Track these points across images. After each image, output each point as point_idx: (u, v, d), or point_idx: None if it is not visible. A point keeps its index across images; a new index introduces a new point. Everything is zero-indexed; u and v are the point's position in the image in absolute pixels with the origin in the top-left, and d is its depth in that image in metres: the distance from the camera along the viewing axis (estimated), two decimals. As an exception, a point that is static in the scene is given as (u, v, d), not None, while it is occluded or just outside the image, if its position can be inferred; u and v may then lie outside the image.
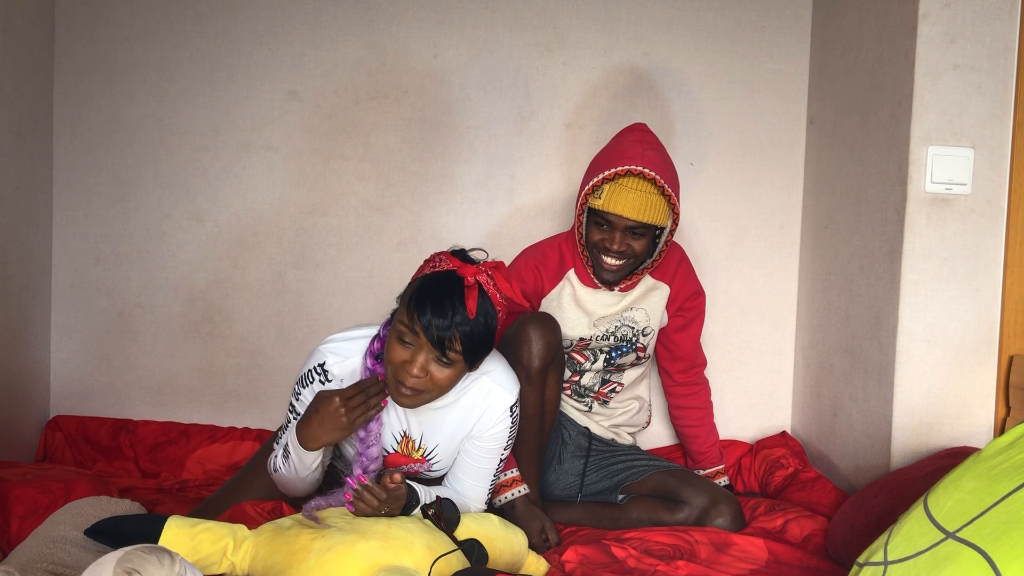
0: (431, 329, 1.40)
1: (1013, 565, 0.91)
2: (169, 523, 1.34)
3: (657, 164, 1.79)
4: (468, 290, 1.43)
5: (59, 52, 2.32)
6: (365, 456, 1.53)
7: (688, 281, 2.04)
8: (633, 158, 1.79)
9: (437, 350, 1.41)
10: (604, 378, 2.04)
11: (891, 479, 1.62)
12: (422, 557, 1.34)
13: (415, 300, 1.42)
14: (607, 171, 1.80)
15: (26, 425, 2.24)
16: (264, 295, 2.38)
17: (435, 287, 1.43)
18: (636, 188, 1.78)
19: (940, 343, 1.76)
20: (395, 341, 1.45)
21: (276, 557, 1.33)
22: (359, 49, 2.35)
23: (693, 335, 2.10)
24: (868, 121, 1.95)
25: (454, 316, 1.40)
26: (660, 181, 1.77)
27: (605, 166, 1.82)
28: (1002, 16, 1.71)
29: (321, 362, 1.55)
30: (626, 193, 1.78)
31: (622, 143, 1.85)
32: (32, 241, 2.24)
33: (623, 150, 1.82)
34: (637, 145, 1.82)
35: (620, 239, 1.83)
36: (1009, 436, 1.12)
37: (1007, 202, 1.74)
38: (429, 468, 1.68)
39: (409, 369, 1.42)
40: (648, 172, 1.76)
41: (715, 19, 2.37)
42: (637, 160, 1.78)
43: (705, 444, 2.16)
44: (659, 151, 1.84)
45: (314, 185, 2.37)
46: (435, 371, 1.44)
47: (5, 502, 1.58)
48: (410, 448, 1.63)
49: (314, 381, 1.56)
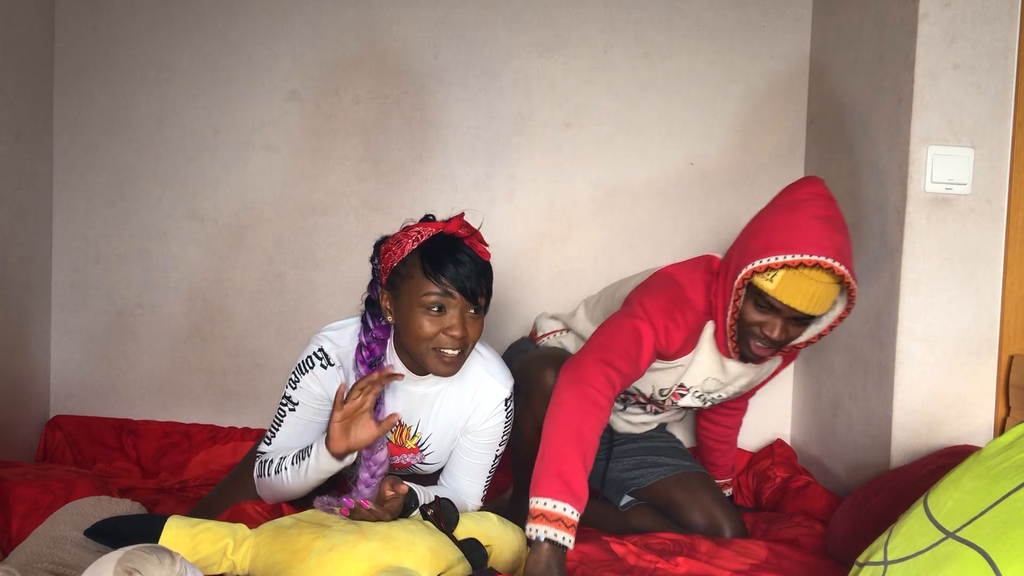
0: (460, 281, 1.44)
1: (1013, 565, 0.91)
2: (169, 523, 1.34)
3: (842, 251, 1.52)
4: (469, 240, 1.49)
5: (59, 52, 2.32)
6: (372, 461, 1.52)
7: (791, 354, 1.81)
8: (819, 246, 1.50)
9: (470, 302, 1.46)
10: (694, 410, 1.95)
11: (891, 478, 1.62)
12: (424, 558, 1.34)
13: (433, 267, 1.44)
14: (788, 257, 1.50)
15: (26, 425, 2.24)
16: (264, 295, 2.38)
17: (440, 251, 1.46)
18: (816, 279, 1.52)
19: (940, 343, 1.76)
20: (422, 316, 1.46)
21: (277, 557, 1.33)
22: (359, 49, 2.35)
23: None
24: (868, 121, 1.95)
25: (473, 265, 1.46)
26: (844, 273, 1.51)
27: (782, 247, 1.52)
28: (1002, 16, 1.71)
29: (319, 347, 1.55)
30: (805, 284, 1.52)
31: (802, 218, 1.55)
32: (32, 241, 2.24)
33: (804, 230, 1.53)
34: (822, 225, 1.53)
35: (782, 327, 1.59)
36: (1009, 436, 1.12)
37: (1007, 202, 1.74)
38: (422, 460, 1.67)
39: (450, 332, 1.45)
40: (838, 267, 1.50)
41: (715, 19, 2.37)
42: (823, 250, 1.50)
43: (723, 459, 2.10)
44: (842, 228, 1.56)
45: (314, 185, 2.37)
46: (470, 325, 1.48)
47: (6, 502, 1.58)
48: (404, 437, 1.63)
49: (314, 366, 1.55)
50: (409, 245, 1.48)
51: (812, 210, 1.55)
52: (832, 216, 1.56)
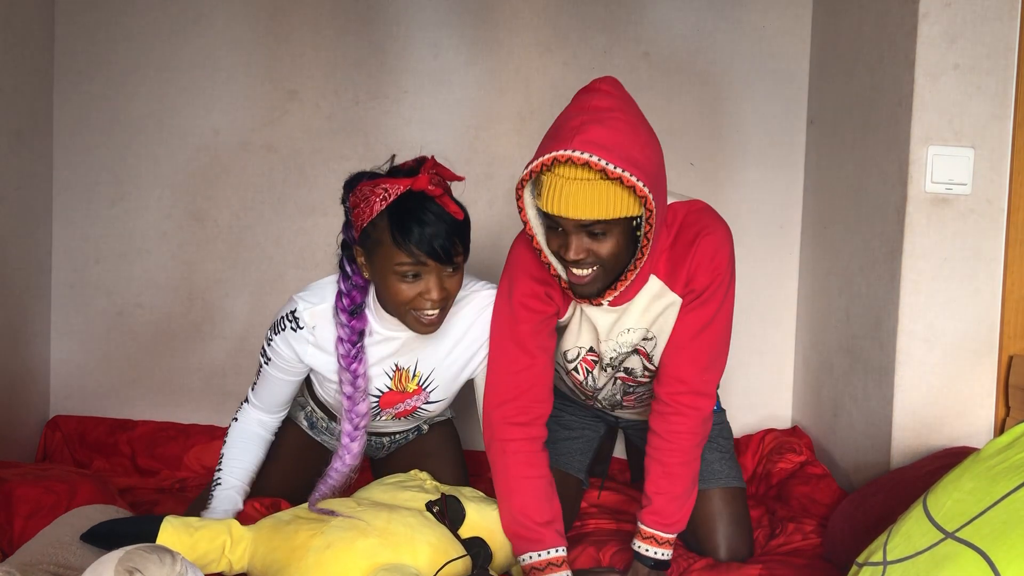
0: (432, 248, 1.38)
1: (1012, 565, 0.91)
2: (165, 524, 1.34)
3: (600, 141, 1.29)
4: (441, 199, 1.41)
5: (59, 52, 2.32)
6: (354, 413, 1.51)
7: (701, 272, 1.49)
8: (565, 139, 1.30)
9: (446, 265, 1.41)
10: (625, 389, 1.69)
11: (890, 479, 1.62)
12: (423, 554, 1.33)
13: (401, 235, 1.38)
14: (536, 160, 1.32)
15: (26, 425, 2.24)
16: (264, 295, 2.38)
17: (409, 215, 1.39)
18: (575, 177, 1.30)
19: (940, 343, 1.76)
20: (397, 282, 1.41)
21: (275, 555, 1.33)
22: (359, 49, 2.35)
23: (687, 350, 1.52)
24: (868, 121, 1.95)
25: (445, 227, 1.40)
26: (600, 164, 1.27)
27: (540, 151, 1.33)
28: (1002, 16, 1.71)
29: (292, 309, 1.54)
30: (565, 186, 1.30)
31: (561, 116, 1.38)
32: (32, 241, 2.24)
33: (559, 126, 1.35)
34: (576, 117, 1.33)
35: (576, 245, 1.35)
36: (1008, 436, 1.13)
37: (1007, 202, 1.74)
38: (427, 400, 1.64)
39: (428, 296, 1.42)
40: (579, 157, 1.27)
41: (715, 19, 2.37)
42: (568, 141, 1.29)
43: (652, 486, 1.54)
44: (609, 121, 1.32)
45: (314, 185, 2.37)
46: (449, 284, 1.44)
47: (9, 502, 1.57)
48: (404, 382, 1.60)
49: (285, 328, 1.54)
50: (377, 205, 1.39)
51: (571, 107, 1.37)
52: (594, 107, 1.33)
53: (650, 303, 1.50)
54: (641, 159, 1.31)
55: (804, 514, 1.85)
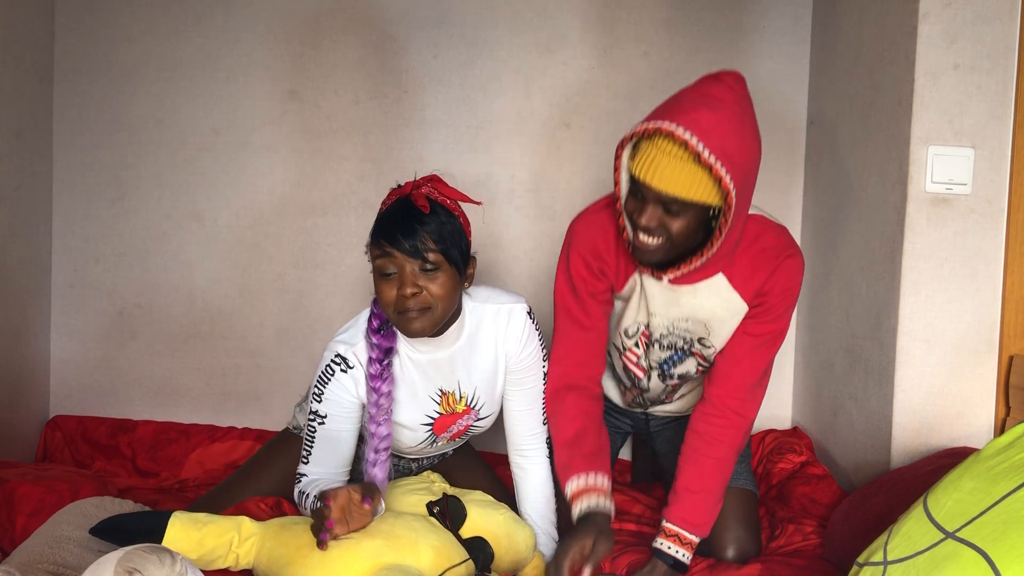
0: (400, 242, 1.42)
1: (1013, 565, 0.91)
2: (173, 519, 1.35)
3: (704, 126, 1.34)
4: (413, 196, 1.47)
5: (59, 52, 2.32)
6: (376, 436, 1.51)
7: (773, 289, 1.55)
8: (676, 113, 1.36)
9: (416, 259, 1.43)
10: (672, 388, 1.75)
11: (890, 479, 1.62)
12: (426, 556, 1.34)
13: (377, 230, 1.46)
14: (641, 126, 1.39)
15: (26, 425, 2.24)
16: (264, 295, 2.38)
17: (389, 213, 1.48)
18: (670, 152, 1.36)
19: (940, 343, 1.76)
20: (379, 281, 1.46)
21: (281, 551, 1.34)
22: (359, 49, 2.35)
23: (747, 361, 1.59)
24: (868, 121, 1.95)
25: (415, 221, 1.43)
26: (697, 147, 1.33)
27: (649, 118, 1.40)
28: (1002, 16, 1.71)
29: (335, 353, 1.53)
30: (654, 153, 1.37)
31: (680, 92, 1.43)
32: (32, 241, 2.24)
33: (676, 100, 1.41)
34: (693, 98, 1.39)
35: (651, 213, 1.41)
36: (1008, 436, 1.13)
37: (1007, 202, 1.74)
38: (477, 417, 1.66)
39: (403, 292, 1.43)
40: (679, 134, 1.33)
41: (715, 19, 2.37)
42: (676, 117, 1.35)
43: (683, 483, 1.59)
44: (720, 110, 1.37)
45: (314, 185, 2.37)
46: (427, 283, 1.44)
47: (11, 501, 1.58)
48: (453, 404, 1.62)
49: (335, 373, 1.53)
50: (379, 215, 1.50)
51: (696, 87, 1.42)
52: (712, 95, 1.39)
53: (711, 298, 1.56)
54: (736, 155, 1.38)
55: (804, 514, 1.85)
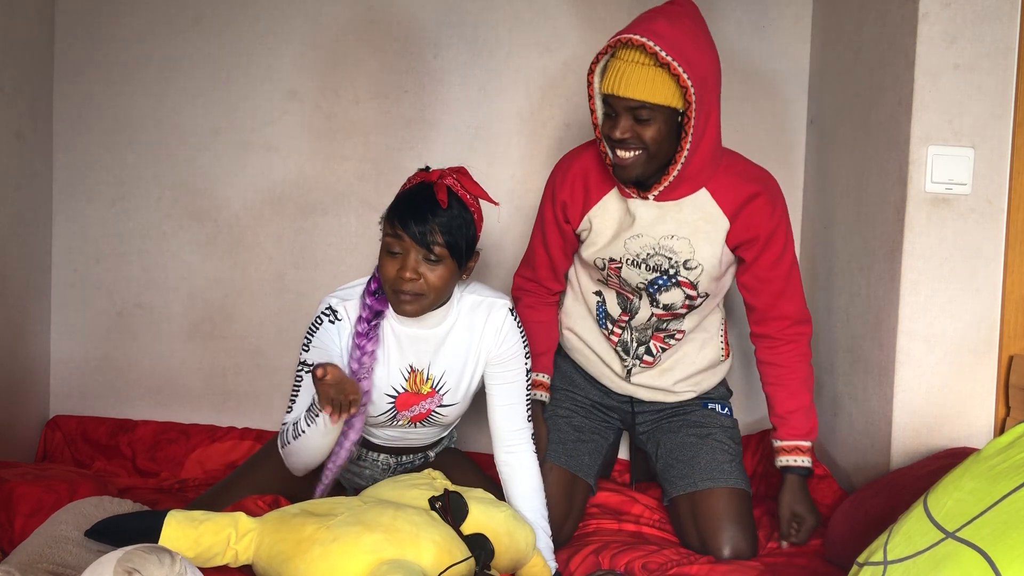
0: (411, 227, 1.49)
1: (1013, 565, 0.91)
2: (169, 518, 1.35)
3: (660, 31, 1.50)
4: (436, 187, 1.52)
5: (59, 52, 2.32)
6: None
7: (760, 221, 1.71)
8: (634, 26, 1.53)
9: (422, 248, 1.50)
10: (657, 325, 1.81)
11: (890, 479, 1.62)
12: (427, 552, 1.34)
13: (392, 210, 1.53)
14: (606, 44, 1.56)
15: (26, 425, 2.24)
16: (264, 295, 2.38)
17: (408, 196, 1.55)
18: (632, 60, 1.52)
19: (940, 343, 1.76)
20: (384, 256, 1.54)
21: (280, 547, 1.34)
22: (359, 49, 2.35)
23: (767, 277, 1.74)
24: (868, 121, 1.95)
25: (429, 212, 1.50)
26: (652, 47, 1.48)
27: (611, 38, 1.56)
28: (1002, 16, 1.71)
29: (327, 306, 1.61)
30: (619, 65, 1.53)
31: (642, 14, 1.60)
32: (32, 241, 2.24)
33: (635, 19, 1.57)
34: (651, 14, 1.56)
35: (624, 124, 1.56)
36: (1009, 436, 1.13)
37: (1007, 202, 1.74)
38: (440, 402, 1.69)
39: (403, 274, 1.50)
40: (636, 39, 1.49)
41: (715, 19, 2.36)
42: (634, 28, 1.52)
43: (782, 407, 1.79)
44: (676, 22, 1.54)
45: (314, 185, 2.37)
46: (427, 271, 1.51)
47: (10, 501, 1.58)
48: (419, 383, 1.66)
49: (323, 323, 1.60)
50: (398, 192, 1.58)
51: (652, 9, 1.59)
52: (667, 12, 1.57)
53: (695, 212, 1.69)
54: (693, 57, 1.52)
55: (804, 514, 1.85)
